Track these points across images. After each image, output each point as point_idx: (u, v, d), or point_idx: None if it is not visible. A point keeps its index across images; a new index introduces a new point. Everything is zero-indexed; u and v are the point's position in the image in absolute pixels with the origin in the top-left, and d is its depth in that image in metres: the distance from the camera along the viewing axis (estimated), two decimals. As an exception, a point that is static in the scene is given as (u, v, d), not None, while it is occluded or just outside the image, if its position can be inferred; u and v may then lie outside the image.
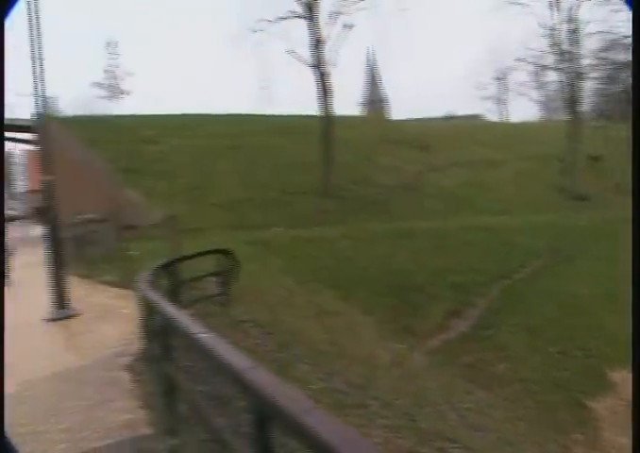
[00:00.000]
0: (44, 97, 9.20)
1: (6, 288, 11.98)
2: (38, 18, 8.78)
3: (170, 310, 3.40)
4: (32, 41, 8.76)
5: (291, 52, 26.21)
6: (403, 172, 27.60)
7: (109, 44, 44.82)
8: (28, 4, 8.76)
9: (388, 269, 17.75)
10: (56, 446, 4.02)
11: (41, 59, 8.79)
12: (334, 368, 8.16)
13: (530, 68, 36.37)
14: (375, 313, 15.04)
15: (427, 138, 32.36)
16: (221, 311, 8.19)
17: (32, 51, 8.75)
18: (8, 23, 1.50)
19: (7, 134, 33.43)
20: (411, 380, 10.31)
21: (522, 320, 15.86)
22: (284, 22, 26.56)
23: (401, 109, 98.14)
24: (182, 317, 3.12)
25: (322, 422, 1.54)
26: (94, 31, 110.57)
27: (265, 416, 1.86)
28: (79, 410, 4.58)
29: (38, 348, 6.88)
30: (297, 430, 1.60)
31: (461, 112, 57.90)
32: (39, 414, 4.60)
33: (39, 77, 8.94)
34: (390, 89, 76.81)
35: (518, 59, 34.78)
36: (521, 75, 41.44)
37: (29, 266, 16.15)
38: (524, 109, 64.74)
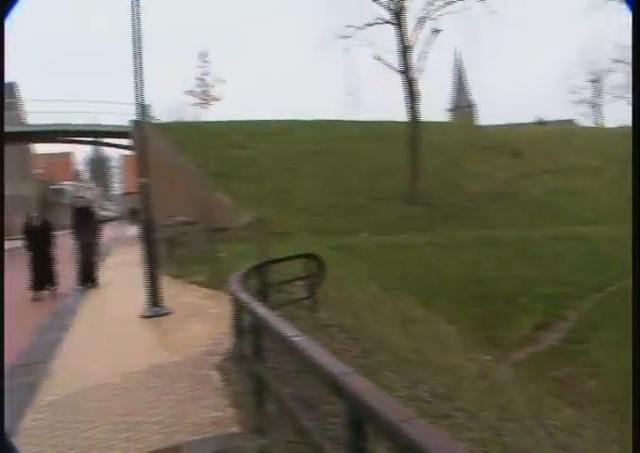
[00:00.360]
0: (143, 105, 9.56)
1: (104, 285, 12.64)
2: (139, 29, 9.16)
3: (262, 311, 3.47)
4: (134, 51, 9.14)
5: (378, 58, 26.23)
6: (492, 179, 26.99)
7: (201, 54, 46.35)
8: (132, 16, 9.15)
9: (474, 278, 17.41)
10: (151, 438, 4.19)
11: (141, 68, 9.16)
12: (419, 377, 8.06)
13: (628, 69, 34.66)
14: (459, 322, 14.76)
15: (517, 144, 31.50)
16: (307, 315, 8.28)
17: (134, 61, 9.13)
18: (8, 23, 1.58)
19: (105, 140, 35.31)
20: (496, 393, 10.04)
21: (616, 335, 15.09)
22: (371, 28, 26.62)
23: (490, 114, 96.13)
24: (275, 319, 3.18)
25: (423, 432, 1.53)
26: (187, 41, 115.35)
27: (361, 421, 1.87)
28: (172, 404, 4.75)
29: (134, 343, 7.20)
30: (395, 438, 1.60)
31: (552, 117, 56.00)
32: (136, 406, 4.81)
33: (138, 86, 9.29)
34: (478, 94, 75.52)
35: (615, 61, 33.21)
36: (618, 78, 39.50)
37: (126, 265, 16.92)
38: (620, 114, 61.66)
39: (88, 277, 12.49)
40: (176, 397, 4.91)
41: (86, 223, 12.51)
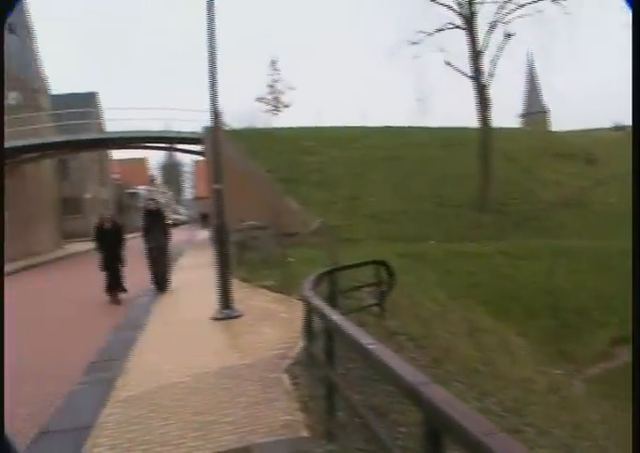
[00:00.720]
0: (216, 112, 9.78)
1: (176, 287, 12.98)
2: (214, 37, 9.39)
3: (336, 317, 3.50)
4: (210, 59, 9.37)
5: (449, 63, 25.94)
6: (566, 186, 26.21)
7: (272, 61, 47.04)
8: (208, 25, 9.38)
9: (545, 288, 16.94)
10: (223, 437, 4.28)
11: (216, 76, 9.38)
12: (487, 389, 7.92)
13: None
14: (529, 334, 14.40)
15: (593, 150, 30.48)
16: (376, 322, 8.27)
17: (210, 69, 9.36)
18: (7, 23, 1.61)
19: (178, 146, 36.27)
20: (568, 409, 9.73)
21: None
22: (441, 33, 26.36)
23: (564, 119, 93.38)
24: (350, 326, 3.20)
25: (505, 447, 1.52)
26: (258, 48, 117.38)
27: (439, 432, 1.87)
28: (243, 405, 4.84)
29: (205, 344, 7.37)
30: (476, 451, 1.60)
31: (630, 121, 53.77)
32: (208, 405, 4.93)
33: (213, 93, 9.52)
34: (551, 98, 73.44)
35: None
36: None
37: (197, 267, 17.35)
38: None
39: (159, 280, 12.50)
40: (247, 399, 5.00)
41: (157, 225, 12.43)
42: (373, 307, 9.16)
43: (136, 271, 12.89)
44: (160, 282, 12.50)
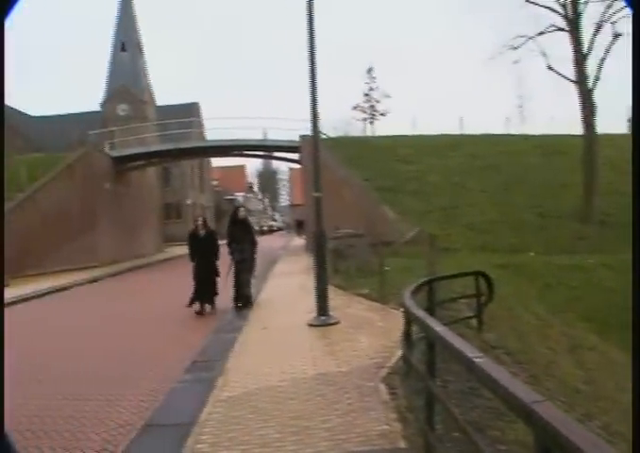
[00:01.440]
0: (316, 121, 9.92)
1: (272, 292, 13.24)
2: (314, 47, 9.54)
3: (440, 328, 3.47)
4: (310, 70, 9.53)
5: (551, 68, 25.02)
6: (679, 197, 24.60)
7: (368, 70, 47.22)
8: (309, 37, 9.55)
9: (655, 306, 15.95)
10: (320, 443, 4.32)
11: (315, 83, 9.54)
12: (591, 410, 7.57)
13: None
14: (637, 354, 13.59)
15: None
16: (473, 335, 8.10)
17: (310, 79, 9.53)
18: (8, 23, 1.67)
19: (275, 154, 37.08)
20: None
21: None
22: (543, 37, 25.44)
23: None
24: (454, 338, 3.16)
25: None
26: (353, 57, 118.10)
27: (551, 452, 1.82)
28: (341, 413, 4.87)
29: (302, 350, 7.47)
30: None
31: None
32: (306, 411, 4.99)
33: (313, 102, 9.68)
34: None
35: None
36: None
37: (292, 273, 17.66)
38: None
39: (238, 295, 11.53)
40: (343, 406, 5.03)
41: (243, 235, 11.48)
42: (471, 319, 8.97)
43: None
44: (239, 298, 11.53)
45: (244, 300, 11.49)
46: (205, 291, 11.40)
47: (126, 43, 53.75)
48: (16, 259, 21.55)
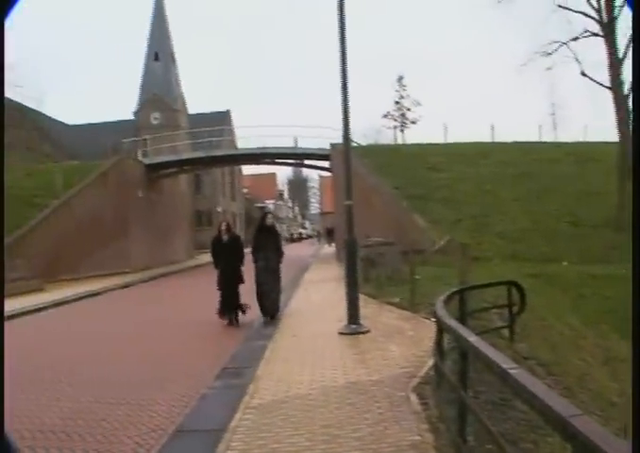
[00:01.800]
0: (347, 129, 9.95)
1: (303, 300, 13.25)
2: (346, 57, 9.58)
3: (473, 338, 3.43)
4: (342, 78, 9.57)
5: (584, 74, 24.63)
6: None
7: (399, 78, 47.19)
8: (340, 50, 9.58)
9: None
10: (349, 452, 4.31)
11: (346, 91, 9.57)
12: (628, 424, 7.38)
13: None
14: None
15: None
16: (505, 345, 8.00)
17: (342, 88, 9.57)
18: (8, 23, 1.69)
19: (305, 161, 37.24)
20: None
21: None
22: (576, 42, 25.06)
23: None
24: (488, 348, 3.13)
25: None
26: (383, 65, 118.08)
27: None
28: (371, 422, 4.84)
29: (332, 358, 7.46)
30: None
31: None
32: (336, 419, 4.97)
33: (345, 110, 9.71)
34: None
35: None
36: None
37: (323, 281, 17.67)
38: None
39: (264, 305, 10.84)
40: (374, 416, 5.00)
41: (269, 243, 10.88)
42: (503, 329, 8.87)
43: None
44: (265, 307, 10.85)
45: (269, 312, 10.88)
46: (231, 300, 10.85)
47: (159, 53, 54.61)
48: (51, 263, 22.00)
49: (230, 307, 10.83)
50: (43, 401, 6.27)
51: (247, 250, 11.42)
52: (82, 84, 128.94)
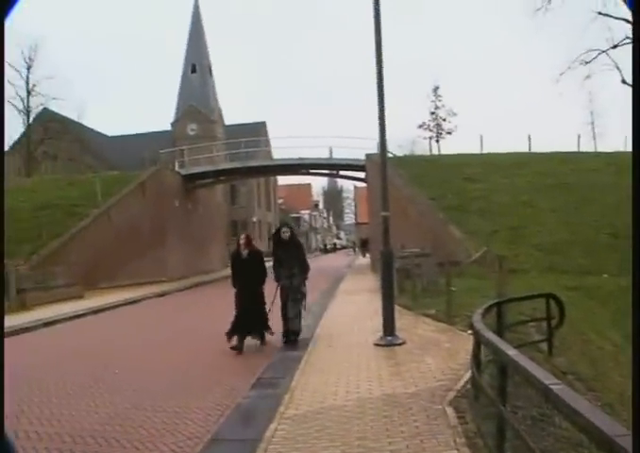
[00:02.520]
0: (383, 139, 9.95)
1: (337, 310, 13.20)
2: (383, 69, 9.59)
3: (512, 352, 3.39)
4: (378, 90, 9.58)
5: (625, 82, 24.20)
6: None
7: (435, 88, 46.96)
8: (376, 61, 9.60)
9: None
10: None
11: (383, 102, 9.57)
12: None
13: None
14: None
15: None
16: (543, 359, 7.85)
17: (378, 100, 9.57)
18: (8, 23, 1.70)
19: (341, 172, 37.28)
20: None
21: None
22: (616, 50, 24.67)
23: None
24: (528, 362, 3.08)
25: None
26: (418, 74, 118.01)
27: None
28: (407, 435, 4.80)
29: (368, 369, 7.43)
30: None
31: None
32: (372, 432, 4.94)
33: (381, 121, 9.71)
34: None
35: None
36: None
37: (357, 292, 17.63)
38: None
39: (287, 330, 9.76)
40: (410, 429, 4.95)
41: (291, 258, 9.76)
42: (541, 342, 8.71)
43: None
44: (287, 332, 9.76)
45: (292, 336, 9.73)
46: (248, 322, 9.58)
47: (197, 65, 55.53)
48: (90, 271, 22.43)
49: (246, 329, 9.62)
50: (83, 406, 6.39)
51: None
52: (121, 96, 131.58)
